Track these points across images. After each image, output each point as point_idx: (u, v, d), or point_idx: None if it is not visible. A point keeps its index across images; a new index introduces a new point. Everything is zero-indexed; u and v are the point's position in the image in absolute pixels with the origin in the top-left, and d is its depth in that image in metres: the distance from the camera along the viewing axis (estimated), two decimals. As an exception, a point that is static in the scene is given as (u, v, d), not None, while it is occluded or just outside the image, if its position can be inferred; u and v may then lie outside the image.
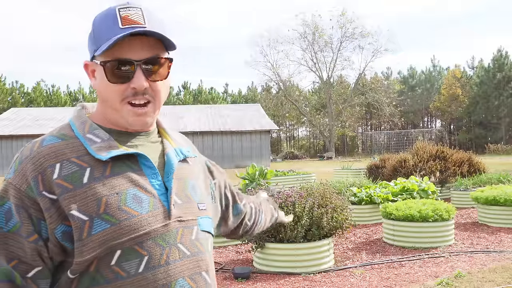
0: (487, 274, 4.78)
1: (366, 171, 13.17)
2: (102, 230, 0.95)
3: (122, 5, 1.02)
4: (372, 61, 46.80)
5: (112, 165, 1.01)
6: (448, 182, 10.93)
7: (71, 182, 0.96)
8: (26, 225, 0.95)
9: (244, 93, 61.28)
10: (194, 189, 1.13)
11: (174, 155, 1.11)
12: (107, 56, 1.01)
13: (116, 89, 1.02)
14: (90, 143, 1.02)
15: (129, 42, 1.00)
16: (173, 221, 1.03)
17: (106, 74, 1.01)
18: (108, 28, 1.00)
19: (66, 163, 0.98)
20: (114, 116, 1.06)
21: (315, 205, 5.21)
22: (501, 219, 7.25)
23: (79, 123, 1.07)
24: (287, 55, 47.55)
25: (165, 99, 1.10)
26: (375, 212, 7.87)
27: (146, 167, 1.05)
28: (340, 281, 4.79)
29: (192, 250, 1.05)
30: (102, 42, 1.00)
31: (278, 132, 58.99)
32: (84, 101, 54.81)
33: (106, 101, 1.05)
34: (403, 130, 43.89)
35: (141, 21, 1.00)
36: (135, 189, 1.01)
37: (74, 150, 1.01)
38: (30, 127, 30.27)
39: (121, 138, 1.07)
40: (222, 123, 32.58)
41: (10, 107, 44.94)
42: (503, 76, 44.81)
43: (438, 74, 56.26)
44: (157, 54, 1.03)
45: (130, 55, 1.00)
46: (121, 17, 0.99)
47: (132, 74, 1.01)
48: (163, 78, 1.06)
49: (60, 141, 1.02)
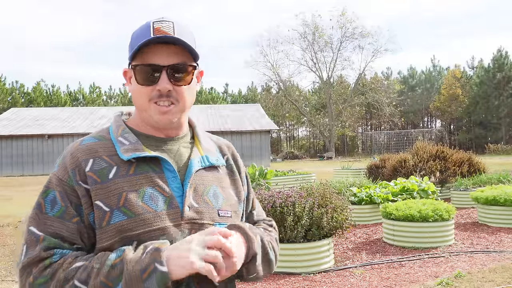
0: (487, 274, 4.78)
1: (366, 171, 13.17)
2: (119, 221, 1.07)
3: (157, 19, 1.16)
4: (372, 61, 46.81)
5: (137, 166, 1.13)
6: (448, 182, 10.93)
7: (99, 176, 1.10)
8: (69, 209, 1.09)
9: (244, 93, 61.30)
10: (216, 195, 1.20)
11: (197, 162, 1.20)
12: (138, 61, 1.14)
13: (144, 91, 1.14)
14: (120, 145, 1.16)
15: (158, 49, 1.13)
16: (185, 222, 1.12)
17: (136, 77, 1.15)
18: (141, 37, 1.13)
19: (98, 160, 1.13)
20: (144, 116, 1.18)
21: (315, 205, 5.21)
22: (501, 219, 7.25)
23: (115, 127, 1.21)
24: (287, 55, 47.56)
25: (191, 103, 1.21)
26: (375, 212, 7.87)
27: (167, 170, 1.15)
28: (340, 281, 4.79)
29: None
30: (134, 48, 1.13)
31: (278, 132, 59.00)
32: (84, 101, 54.80)
33: (137, 103, 1.18)
34: (403, 130, 43.89)
35: (171, 32, 1.12)
36: (154, 189, 1.11)
37: (106, 150, 1.15)
38: (30, 127, 30.25)
39: (150, 142, 1.19)
40: (222, 123, 32.58)
41: (10, 107, 44.95)
42: (503, 76, 44.82)
43: (438, 74, 56.28)
44: (183, 62, 1.15)
45: (158, 61, 1.13)
46: (154, 28, 1.13)
47: (158, 77, 1.13)
48: (187, 83, 1.17)
49: (96, 141, 1.17)
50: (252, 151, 31.01)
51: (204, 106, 39.42)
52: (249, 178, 1.41)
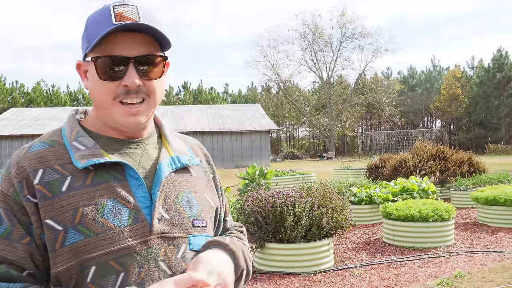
0: (487, 274, 4.78)
1: (366, 171, 13.17)
2: (76, 241, 0.91)
3: (117, 3, 0.99)
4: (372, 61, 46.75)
5: (94, 174, 0.97)
6: (448, 182, 10.93)
7: (51, 190, 0.94)
8: (17, 228, 0.92)
9: (244, 93, 61.29)
10: (190, 203, 1.05)
11: (166, 165, 1.04)
12: (99, 53, 0.97)
13: (107, 87, 0.97)
14: (75, 151, 0.98)
15: (122, 38, 0.96)
16: (155, 237, 0.96)
17: (97, 70, 0.97)
18: (101, 25, 0.96)
19: (49, 170, 0.96)
20: (105, 116, 1.01)
21: (315, 205, 5.21)
22: (501, 219, 7.25)
23: (68, 129, 1.04)
24: (287, 55, 47.62)
25: (161, 99, 1.05)
26: (375, 212, 7.87)
27: (132, 177, 0.99)
28: (340, 281, 4.78)
29: (175, 270, 0.98)
30: (94, 39, 0.95)
31: (278, 132, 59.00)
32: (84, 102, 54.80)
33: (97, 101, 1.01)
34: (403, 130, 43.88)
35: (136, 18, 0.96)
36: (116, 201, 0.95)
37: (58, 157, 0.98)
38: (30, 127, 30.26)
39: (111, 145, 1.02)
40: (222, 123, 32.58)
41: (10, 107, 44.94)
42: (503, 76, 44.81)
43: (438, 74, 56.28)
44: (151, 52, 0.99)
45: (123, 52, 0.96)
46: (115, 13, 0.96)
47: (124, 71, 0.96)
48: (158, 76, 1.01)
49: (47, 147, 0.99)
50: (252, 151, 31.02)
51: (204, 106, 39.42)
52: (221, 183, 1.28)
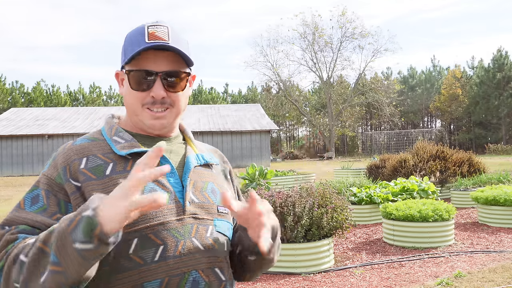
0: (487, 274, 4.78)
1: (366, 171, 13.17)
2: None
3: (151, 23, 1.15)
4: (372, 61, 46.47)
5: (133, 162, 1.10)
6: (448, 182, 10.93)
7: (95, 173, 1.08)
8: (52, 207, 1.05)
9: (244, 93, 61.29)
10: (214, 192, 1.20)
11: (194, 159, 1.20)
12: (133, 66, 1.13)
13: (137, 96, 1.14)
14: (115, 144, 1.15)
15: (153, 55, 1.12)
16: (187, 217, 1.10)
17: (130, 82, 1.14)
18: (136, 42, 1.12)
19: (92, 157, 1.11)
20: (136, 120, 1.18)
21: (315, 205, 5.21)
22: (501, 219, 7.25)
23: (107, 128, 1.20)
24: (287, 55, 47.45)
25: (185, 107, 1.22)
26: (375, 212, 7.87)
27: None
28: (340, 281, 4.79)
29: (207, 246, 1.10)
30: (129, 54, 1.12)
31: (278, 132, 59.00)
32: (84, 102, 54.80)
33: (129, 107, 1.17)
34: (403, 130, 43.88)
35: (166, 38, 1.12)
36: (153, 184, 1.08)
37: (100, 149, 1.14)
38: (30, 127, 30.25)
39: (145, 141, 1.18)
40: (222, 123, 32.57)
41: (10, 107, 44.96)
42: (503, 76, 44.81)
43: (438, 74, 56.27)
44: (177, 68, 1.15)
45: (152, 67, 1.12)
46: (149, 33, 1.12)
47: (152, 83, 1.13)
48: (181, 89, 1.17)
49: (90, 142, 1.16)
50: (252, 151, 31.01)
51: (204, 106, 39.40)
52: (238, 183, 1.41)
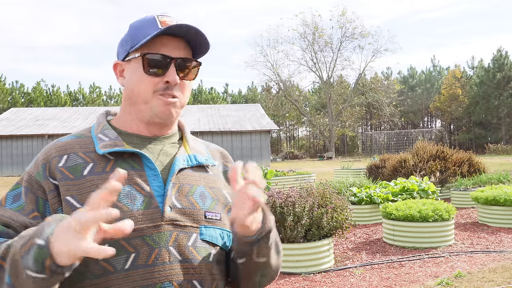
0: (487, 274, 4.78)
1: (366, 171, 13.17)
2: None
3: (160, 13, 1.13)
4: (372, 61, 46.51)
5: (114, 162, 1.07)
6: (448, 182, 10.93)
7: (73, 172, 1.05)
8: (29, 205, 1.03)
9: (244, 93, 61.29)
10: (203, 196, 1.12)
11: (182, 160, 1.13)
12: (147, 50, 1.08)
13: (150, 81, 1.08)
14: (99, 141, 1.10)
15: (166, 41, 1.09)
16: (165, 223, 1.03)
17: (144, 65, 1.08)
18: (147, 29, 1.09)
19: (73, 155, 1.08)
20: (141, 109, 1.11)
21: (315, 205, 5.21)
22: (501, 219, 7.25)
23: (96, 125, 1.17)
24: (287, 55, 47.49)
25: (187, 100, 1.18)
26: (375, 212, 7.87)
27: (148, 168, 1.08)
28: (340, 281, 4.79)
29: (186, 256, 1.03)
30: (140, 39, 1.08)
31: (278, 132, 59.00)
32: (84, 101, 54.78)
33: (137, 95, 1.10)
34: (403, 130, 43.88)
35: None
36: (131, 187, 1.04)
37: (83, 146, 1.10)
38: (30, 127, 30.25)
39: (133, 140, 1.13)
40: (222, 123, 32.57)
41: (10, 107, 44.97)
42: (503, 76, 44.82)
43: (438, 74, 56.30)
44: (190, 56, 1.13)
45: (167, 52, 1.09)
46: (160, 21, 1.10)
47: (167, 68, 1.08)
48: (192, 78, 1.15)
49: (75, 138, 1.13)
50: (252, 151, 31.01)
51: (204, 106, 39.40)
52: None
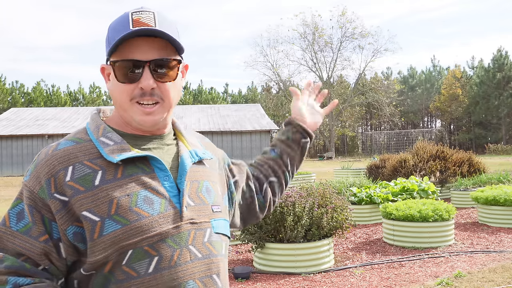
0: (487, 274, 4.78)
1: (366, 171, 13.17)
2: (113, 230, 0.96)
3: (135, 9, 1.05)
4: (372, 61, 46.41)
5: (124, 168, 1.02)
6: (448, 182, 10.93)
7: (83, 184, 0.99)
8: (38, 225, 0.97)
9: (244, 93, 61.28)
10: (208, 190, 1.13)
11: (188, 157, 1.12)
12: (118, 57, 1.03)
13: (125, 89, 1.04)
14: (103, 146, 1.04)
15: (139, 43, 1.03)
16: (185, 223, 1.03)
17: (116, 73, 1.04)
18: (119, 30, 1.02)
19: (79, 165, 1.01)
20: (125, 116, 1.08)
21: (315, 205, 5.21)
22: (501, 219, 7.25)
23: (94, 127, 1.09)
24: (287, 55, 47.44)
25: (177, 100, 1.11)
26: (375, 212, 7.87)
27: (158, 169, 1.06)
28: (340, 281, 4.79)
29: (204, 253, 1.05)
30: (113, 43, 1.03)
31: (278, 132, 58.93)
32: (84, 102, 54.78)
33: (117, 102, 1.07)
34: (403, 130, 43.88)
35: (152, 24, 1.02)
36: (146, 191, 1.02)
37: (87, 153, 1.03)
38: (30, 127, 30.25)
39: (135, 141, 1.09)
40: (222, 123, 32.57)
41: (10, 107, 44.96)
42: (503, 76, 44.81)
43: (438, 74, 56.27)
44: (166, 56, 1.05)
45: (139, 56, 1.02)
46: (133, 20, 1.02)
47: (140, 74, 1.03)
48: (172, 79, 1.07)
49: (74, 145, 1.04)
50: (252, 151, 31.00)
51: (204, 106, 39.39)
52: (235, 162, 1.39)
